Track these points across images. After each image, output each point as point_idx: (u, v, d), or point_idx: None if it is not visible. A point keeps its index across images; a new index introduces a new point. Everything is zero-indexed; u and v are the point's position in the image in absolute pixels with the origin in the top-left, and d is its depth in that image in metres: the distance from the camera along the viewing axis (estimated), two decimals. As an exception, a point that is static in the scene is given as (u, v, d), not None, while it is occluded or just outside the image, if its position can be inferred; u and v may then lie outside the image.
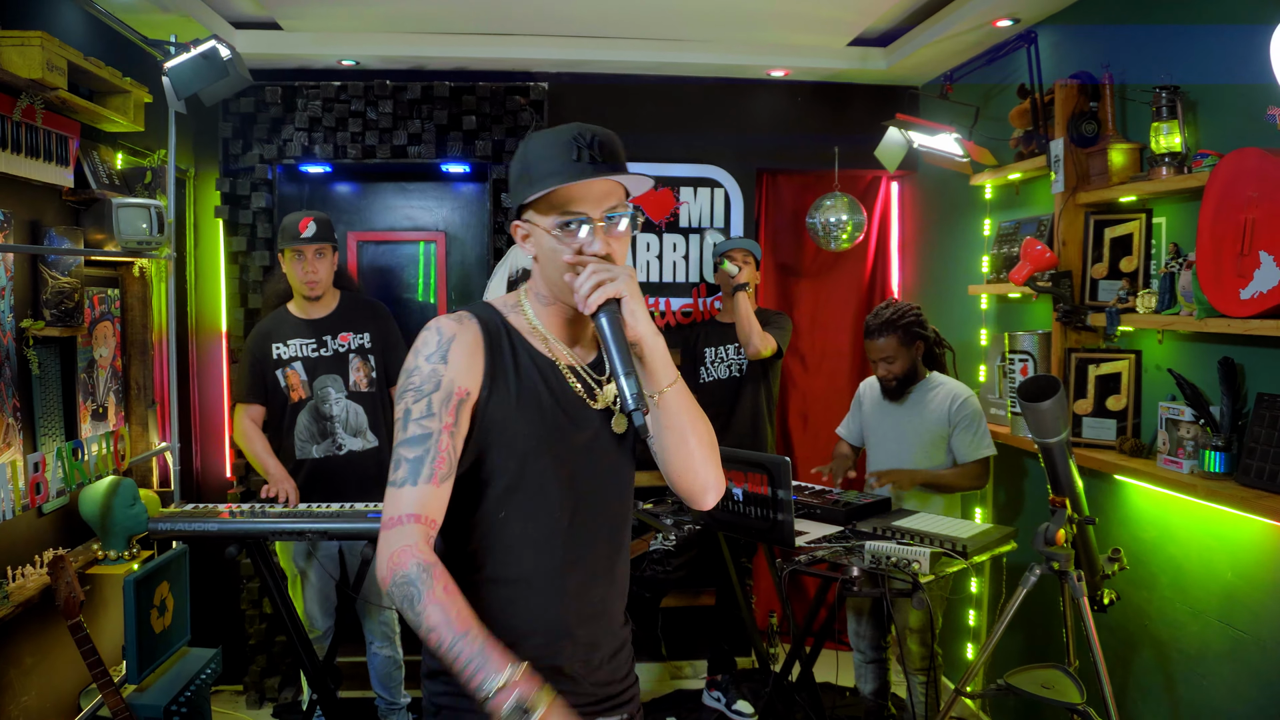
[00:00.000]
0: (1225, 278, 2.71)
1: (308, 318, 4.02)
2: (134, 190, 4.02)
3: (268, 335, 3.99)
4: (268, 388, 3.98)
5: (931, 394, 3.93)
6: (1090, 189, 3.49)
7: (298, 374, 3.95)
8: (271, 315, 4.08)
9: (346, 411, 3.98)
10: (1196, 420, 2.94)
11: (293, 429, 3.95)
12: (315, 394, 3.96)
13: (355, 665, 4.54)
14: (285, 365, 3.96)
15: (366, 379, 4.02)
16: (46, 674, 3.46)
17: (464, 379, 1.72)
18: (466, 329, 1.76)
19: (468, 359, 1.74)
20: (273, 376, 3.97)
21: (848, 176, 5.24)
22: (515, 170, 1.77)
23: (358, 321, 4.04)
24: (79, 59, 3.34)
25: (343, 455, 3.97)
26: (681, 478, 1.81)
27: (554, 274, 1.75)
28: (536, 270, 1.81)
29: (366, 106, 4.71)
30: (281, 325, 4.01)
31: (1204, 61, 3.03)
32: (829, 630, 3.81)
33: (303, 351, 3.97)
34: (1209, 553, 3.02)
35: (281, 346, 3.96)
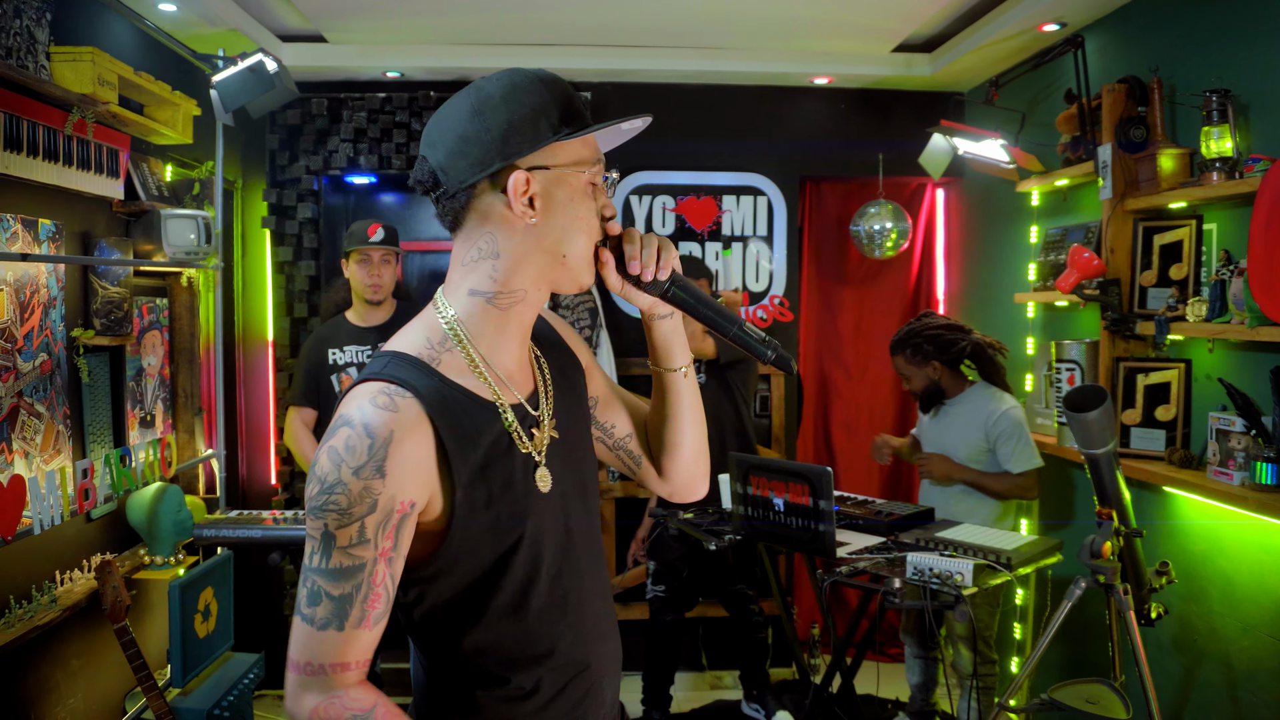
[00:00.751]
0: (1277, 285, 2.64)
1: (365, 325, 4.08)
2: (182, 201, 4.09)
3: (325, 341, 4.08)
4: (321, 393, 4.06)
5: (967, 407, 3.88)
6: (1139, 195, 3.43)
7: (352, 379, 3.98)
8: (330, 322, 4.16)
9: None
10: (1248, 431, 2.87)
11: None
12: None
13: (397, 672, 4.57)
14: (340, 370, 4.03)
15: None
16: (92, 676, 3.52)
17: (409, 491, 1.34)
18: (405, 418, 1.34)
19: (413, 465, 1.34)
20: (327, 382, 4.04)
21: (892, 184, 5.20)
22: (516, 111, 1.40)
23: None
24: (129, 73, 3.40)
25: None
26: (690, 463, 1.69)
27: (576, 242, 1.45)
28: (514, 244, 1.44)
29: (411, 117, 4.76)
30: (338, 332, 4.09)
31: (1256, 64, 2.97)
32: (870, 641, 3.78)
33: (358, 358, 4.03)
34: (1261, 566, 2.94)
35: (337, 352, 4.03)
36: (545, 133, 1.40)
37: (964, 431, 3.86)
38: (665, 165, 5.11)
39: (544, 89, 1.43)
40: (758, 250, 5.14)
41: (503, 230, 1.43)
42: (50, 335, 3.27)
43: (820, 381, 5.54)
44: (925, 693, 4.21)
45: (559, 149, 1.43)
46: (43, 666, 3.23)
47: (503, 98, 1.41)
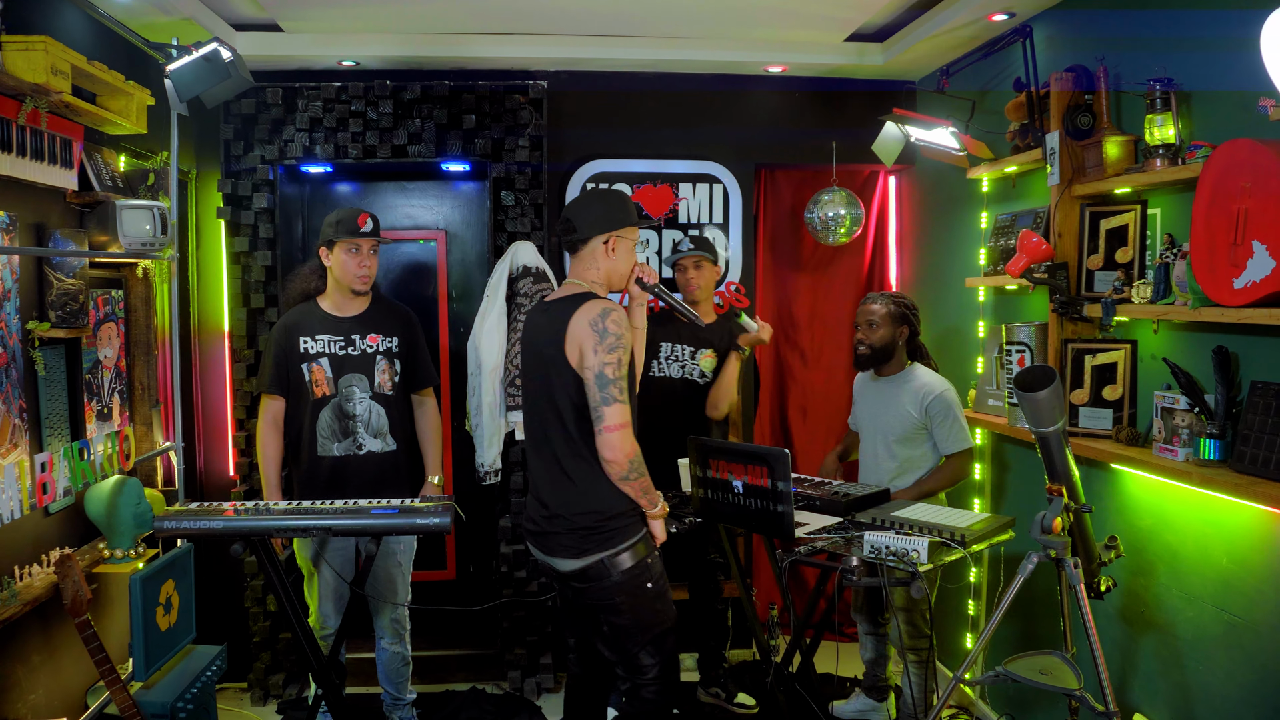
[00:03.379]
0: (1219, 267, 2.73)
1: (339, 315, 4.02)
2: (137, 192, 4.05)
3: (295, 328, 3.99)
4: (290, 380, 3.99)
5: (908, 383, 4.10)
6: (1086, 181, 3.52)
7: (323, 370, 3.96)
8: (300, 309, 4.05)
9: (370, 412, 4.00)
10: (1191, 409, 2.96)
11: (315, 425, 3.97)
12: (340, 392, 3.97)
13: (360, 661, 4.58)
14: (312, 360, 3.96)
15: (390, 382, 4.04)
16: (54, 672, 3.50)
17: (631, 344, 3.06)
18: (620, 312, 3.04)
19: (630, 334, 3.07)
20: (297, 370, 3.97)
21: (845, 171, 5.27)
22: (614, 202, 3.19)
23: (387, 324, 4.07)
24: (82, 63, 3.37)
25: (362, 455, 3.99)
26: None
27: (626, 269, 3.21)
28: (609, 265, 3.17)
29: (367, 106, 4.74)
30: (310, 319, 4.01)
31: (1197, 53, 3.06)
32: (829, 621, 3.86)
33: (330, 348, 3.98)
34: (1205, 539, 3.04)
35: (309, 341, 3.97)
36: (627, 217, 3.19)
37: (902, 407, 4.06)
38: (621, 153, 5.13)
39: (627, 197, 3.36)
40: (714, 237, 5.18)
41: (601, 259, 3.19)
42: (4, 328, 3.24)
43: (776, 367, 5.61)
44: (879, 668, 4.34)
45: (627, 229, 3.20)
46: (3, 662, 3.21)
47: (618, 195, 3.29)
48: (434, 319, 5.29)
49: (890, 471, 4.10)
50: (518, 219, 4.81)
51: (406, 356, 4.10)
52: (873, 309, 4.11)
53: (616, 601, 3.07)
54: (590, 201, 3.22)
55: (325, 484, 3.94)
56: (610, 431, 2.94)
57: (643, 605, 3.08)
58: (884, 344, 4.09)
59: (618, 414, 2.94)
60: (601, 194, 3.28)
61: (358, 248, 3.92)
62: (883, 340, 4.09)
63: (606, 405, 2.94)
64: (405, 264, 5.31)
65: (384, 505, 3.48)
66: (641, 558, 3.08)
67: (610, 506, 3.04)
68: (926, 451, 4.08)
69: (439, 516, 3.38)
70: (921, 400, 4.02)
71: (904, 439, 4.07)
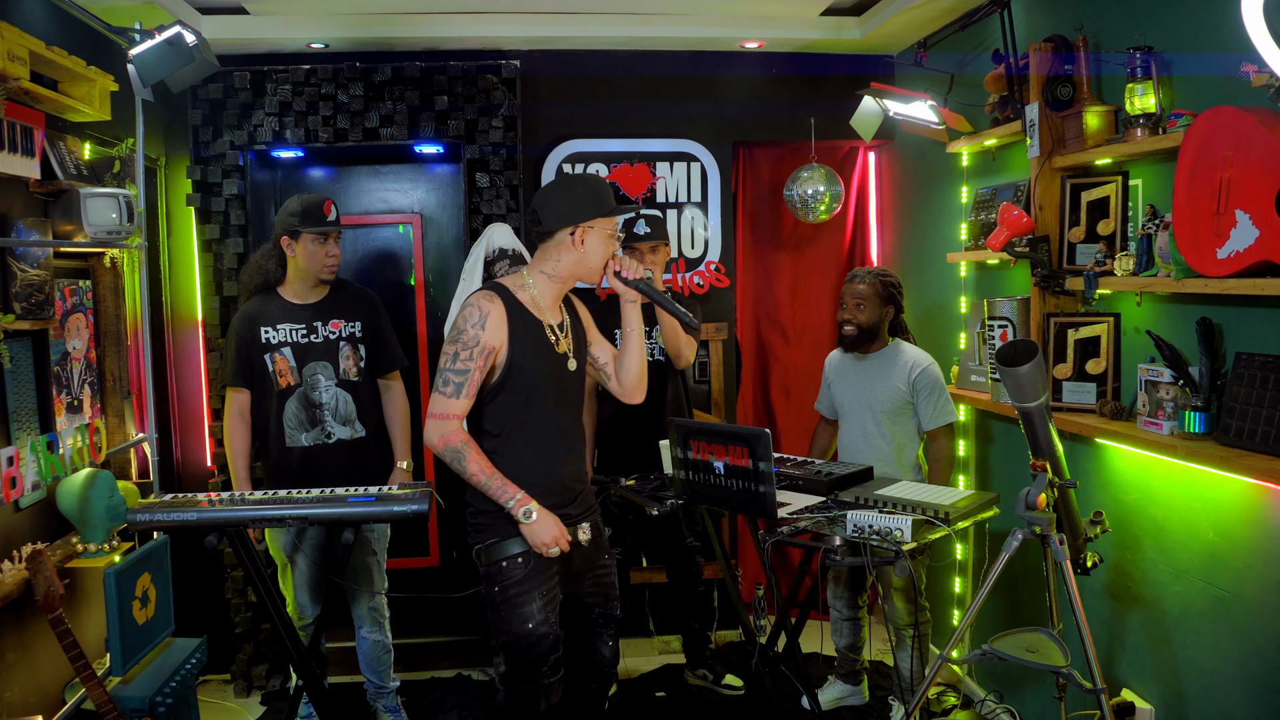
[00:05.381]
0: (1202, 238, 2.70)
1: (301, 302, 3.95)
2: (103, 180, 3.97)
3: (256, 318, 3.91)
4: (254, 372, 3.92)
5: (893, 359, 4.07)
6: (1066, 153, 3.48)
7: (286, 360, 3.90)
8: (260, 298, 3.97)
9: (336, 399, 3.94)
10: (1176, 381, 2.94)
11: (281, 415, 3.91)
12: (305, 381, 3.91)
13: (343, 651, 4.54)
14: (274, 350, 3.89)
15: (356, 367, 3.98)
16: (29, 669, 3.44)
17: (494, 340, 2.89)
18: (497, 305, 2.90)
19: (497, 326, 2.90)
20: (260, 361, 3.89)
21: (824, 147, 5.22)
22: (582, 193, 2.98)
23: (350, 309, 4.00)
24: (41, 49, 3.28)
25: (332, 444, 3.93)
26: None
27: (597, 263, 2.99)
28: (570, 258, 2.97)
29: (337, 89, 4.66)
30: (270, 308, 3.93)
31: (1177, 21, 3.02)
32: (814, 600, 3.84)
33: (292, 337, 3.91)
34: (1191, 513, 3.02)
35: (270, 331, 3.89)
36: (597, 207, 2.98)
37: (887, 382, 4.04)
38: (597, 133, 5.08)
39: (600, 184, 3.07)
40: (693, 216, 5.14)
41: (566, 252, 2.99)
42: (-32, 321, 3.17)
43: (758, 346, 5.57)
44: (855, 653, 4.32)
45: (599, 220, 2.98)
46: (-25, 660, 3.16)
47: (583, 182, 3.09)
48: (410, 304, 5.23)
49: (884, 451, 4.04)
50: (493, 201, 4.75)
51: (371, 341, 4.03)
52: (859, 288, 4.04)
53: (482, 592, 3.02)
54: (558, 190, 3.05)
55: (296, 475, 3.88)
56: (427, 419, 2.94)
57: (491, 608, 2.96)
58: (871, 324, 4.04)
59: (436, 403, 2.91)
60: (570, 181, 3.13)
61: (325, 237, 3.85)
62: (870, 320, 4.04)
63: (432, 393, 2.93)
64: (381, 249, 5.24)
65: (361, 493, 3.43)
66: (493, 560, 2.92)
67: (474, 500, 3.00)
68: (912, 429, 4.07)
69: (416, 503, 3.33)
70: (909, 375, 4.00)
71: (893, 414, 4.04)
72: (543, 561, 2.91)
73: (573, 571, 3.04)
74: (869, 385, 4.09)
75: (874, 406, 4.06)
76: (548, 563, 2.92)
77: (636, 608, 5.11)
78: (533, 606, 2.89)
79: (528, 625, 2.87)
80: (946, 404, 4.01)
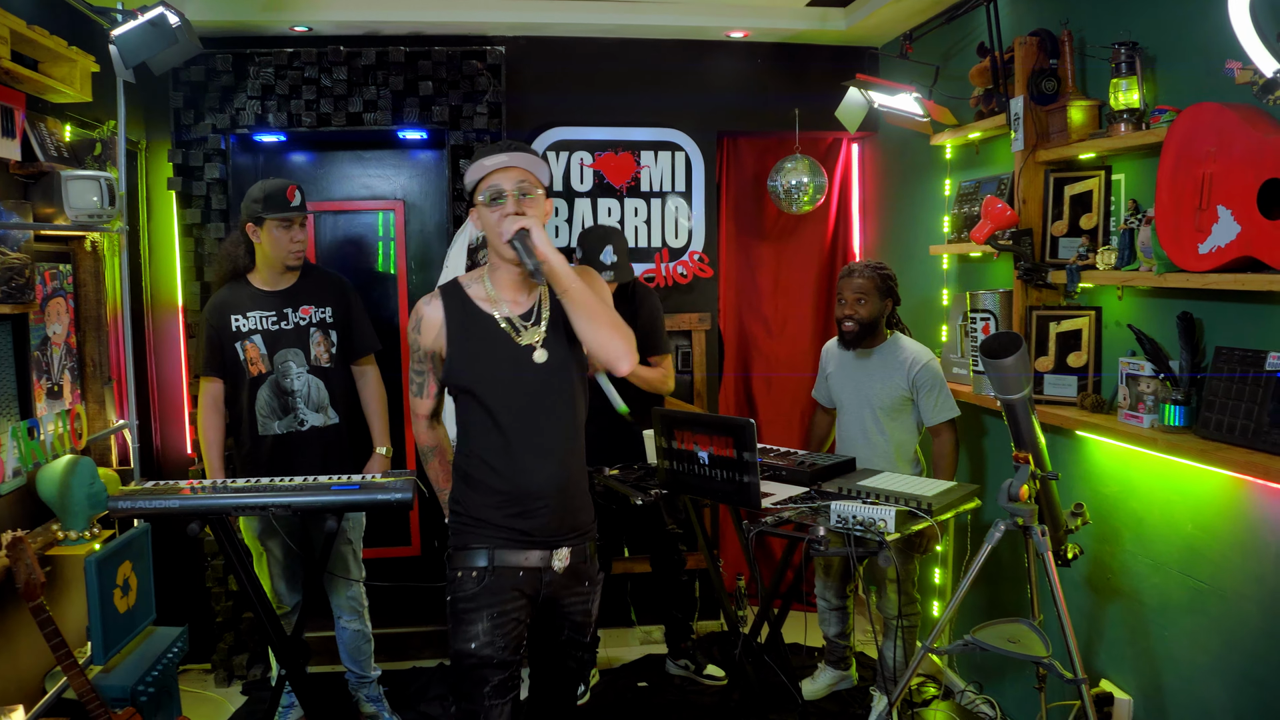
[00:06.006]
0: (1184, 232, 2.73)
1: (271, 289, 3.92)
2: (84, 162, 3.93)
3: (227, 306, 3.88)
4: (225, 360, 3.89)
5: (893, 354, 3.99)
6: (1050, 147, 3.50)
7: (257, 347, 3.87)
8: (230, 286, 3.95)
9: (308, 386, 3.92)
10: (1156, 375, 2.97)
11: (253, 404, 3.89)
12: (276, 368, 3.89)
13: (324, 640, 4.52)
14: (244, 338, 3.86)
15: (327, 353, 3.96)
16: (10, 658, 3.41)
17: (429, 343, 2.74)
18: (432, 308, 2.73)
19: (429, 329, 2.73)
20: (231, 350, 3.87)
21: (809, 139, 5.23)
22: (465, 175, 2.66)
23: (320, 295, 3.97)
24: (22, 27, 3.24)
25: (305, 431, 3.92)
26: (597, 350, 2.61)
27: (493, 235, 2.63)
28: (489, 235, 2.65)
29: (320, 73, 4.63)
30: (241, 296, 3.90)
31: (1161, 16, 3.04)
32: (796, 591, 3.86)
33: (262, 324, 3.88)
34: (1170, 506, 3.06)
35: (240, 319, 3.87)
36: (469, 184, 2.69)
37: (887, 377, 3.97)
38: (582, 121, 5.06)
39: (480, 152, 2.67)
40: (676, 206, 5.13)
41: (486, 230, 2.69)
42: (-53, 305, 3.13)
43: (740, 337, 5.58)
44: (844, 639, 4.35)
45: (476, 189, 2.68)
46: (-46, 648, 3.13)
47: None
48: (393, 290, 5.20)
49: (882, 447, 4.00)
50: (477, 188, 4.73)
51: (343, 325, 4.01)
52: (858, 282, 3.94)
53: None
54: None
55: (268, 463, 3.87)
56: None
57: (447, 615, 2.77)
58: (872, 318, 3.95)
59: (411, 401, 2.94)
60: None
61: (289, 223, 3.83)
62: (871, 315, 3.95)
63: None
64: (363, 235, 5.21)
65: (344, 481, 3.41)
66: (452, 567, 2.75)
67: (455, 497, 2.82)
68: (912, 424, 4.02)
69: (400, 492, 3.32)
70: (910, 371, 3.93)
71: (892, 411, 3.98)
72: (500, 581, 2.66)
73: (539, 598, 2.73)
74: (868, 381, 4.02)
75: (873, 403, 4.00)
76: (507, 584, 2.67)
77: (618, 598, 5.13)
78: (478, 627, 2.64)
79: (470, 645, 2.65)
80: (948, 399, 3.94)
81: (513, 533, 2.67)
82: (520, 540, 2.67)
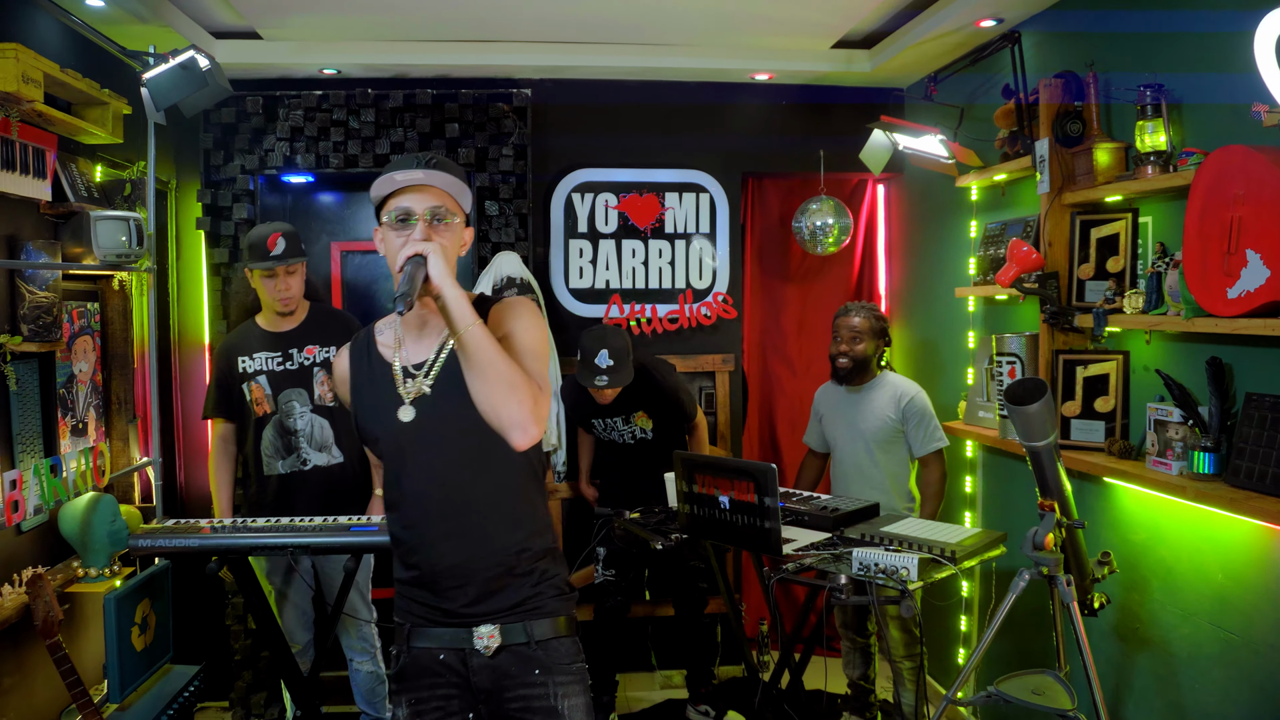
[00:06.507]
0: (1212, 277, 2.68)
1: (275, 330, 3.96)
2: (113, 203, 3.98)
3: (233, 349, 3.96)
4: (233, 402, 3.95)
5: (883, 389, 4.19)
6: (1076, 189, 3.47)
7: (262, 388, 3.91)
8: (239, 328, 4.04)
9: (311, 426, 3.94)
10: (1185, 421, 2.91)
11: (259, 444, 3.92)
12: (280, 408, 3.92)
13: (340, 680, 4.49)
14: (250, 379, 3.91)
15: (331, 393, 3.97)
16: (26, 694, 3.41)
17: (342, 394, 2.37)
18: (340, 359, 2.36)
19: (341, 385, 2.37)
20: (238, 391, 3.92)
21: (833, 180, 5.22)
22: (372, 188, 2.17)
23: (323, 334, 3.99)
24: (55, 71, 3.30)
25: (308, 470, 3.93)
26: (487, 413, 2.06)
27: (392, 265, 2.11)
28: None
29: (348, 115, 4.69)
30: (248, 338, 3.97)
31: (1188, 58, 3.01)
32: (819, 637, 3.80)
33: (268, 365, 3.92)
34: (1199, 555, 2.99)
35: (247, 360, 3.92)
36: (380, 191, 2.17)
37: (881, 411, 4.15)
38: (607, 162, 5.08)
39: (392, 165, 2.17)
40: (701, 247, 5.13)
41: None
42: (-25, 342, 3.17)
43: (764, 378, 5.55)
44: (868, 684, 4.29)
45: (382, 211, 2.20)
46: (-28, 685, 3.14)
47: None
48: (418, 330, 5.22)
49: (877, 479, 4.13)
50: (502, 229, 4.75)
51: None
52: (855, 322, 4.17)
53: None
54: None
55: (273, 503, 3.89)
56: None
57: None
58: (865, 357, 4.16)
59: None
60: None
61: (272, 273, 3.85)
62: (864, 353, 4.16)
63: None
64: (388, 274, 5.23)
65: (364, 522, 3.42)
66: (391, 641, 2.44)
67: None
68: (904, 457, 4.17)
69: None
70: (899, 403, 4.11)
71: (884, 443, 4.14)
72: (417, 664, 2.24)
73: (476, 689, 2.23)
74: (860, 416, 4.18)
75: (866, 436, 4.15)
76: (424, 668, 2.24)
77: (639, 641, 5.07)
78: (399, 712, 2.26)
79: None
80: (936, 430, 4.11)
81: (425, 608, 2.25)
82: (433, 616, 2.24)
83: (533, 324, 2.25)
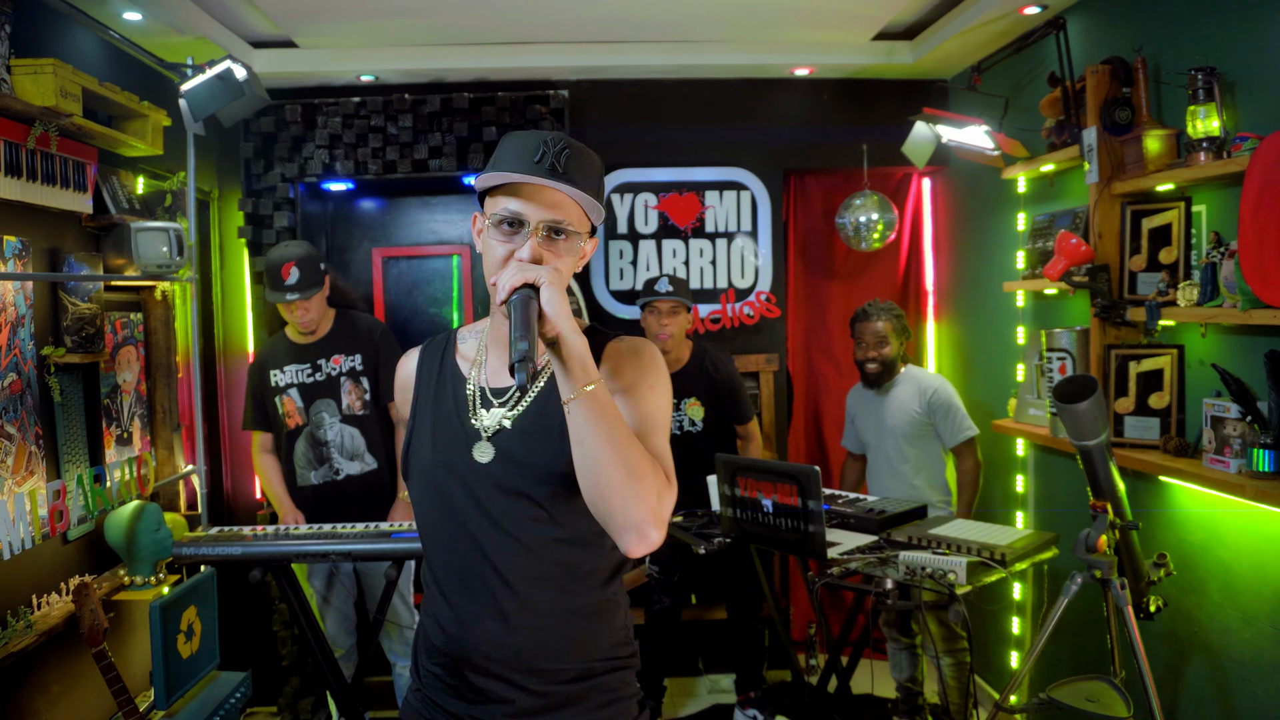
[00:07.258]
0: (1270, 266, 2.58)
1: (302, 342, 3.99)
2: (154, 214, 4.02)
3: (265, 363, 4.00)
4: (269, 414, 3.99)
5: (908, 384, 4.26)
6: (1126, 178, 3.36)
7: (293, 400, 3.93)
8: (270, 340, 4.07)
9: (341, 435, 3.94)
10: (1243, 417, 2.80)
11: (292, 455, 3.94)
12: (311, 419, 3.94)
13: (385, 685, 4.50)
14: (282, 392, 3.95)
15: (360, 401, 3.96)
16: (74, 702, 3.45)
17: (401, 404, 1.91)
18: (407, 362, 1.92)
19: (401, 393, 1.91)
20: (271, 404, 3.96)
21: (877, 174, 5.13)
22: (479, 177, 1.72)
23: (349, 343, 3.99)
24: (94, 85, 3.33)
25: (341, 480, 3.94)
26: (596, 504, 1.56)
27: (488, 274, 1.67)
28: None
29: (386, 121, 4.69)
30: (277, 351, 4.00)
31: (1241, 39, 2.90)
32: (866, 639, 3.73)
33: (298, 377, 3.95)
34: (1260, 555, 2.88)
35: (278, 373, 3.95)
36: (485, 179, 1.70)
37: (907, 405, 4.22)
38: (646, 162, 5.04)
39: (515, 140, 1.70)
40: (743, 246, 5.07)
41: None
42: (19, 354, 3.20)
43: (810, 378, 5.47)
44: (916, 685, 4.21)
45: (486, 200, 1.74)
46: (22, 693, 3.17)
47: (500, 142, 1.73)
48: (460, 335, 5.21)
49: (906, 473, 4.19)
50: (541, 232, 4.73)
51: (373, 371, 4.01)
52: (878, 326, 4.23)
53: None
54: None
55: (310, 514, 3.93)
56: None
57: None
58: (893, 358, 4.25)
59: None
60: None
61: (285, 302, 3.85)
62: (892, 355, 4.24)
63: None
64: (430, 279, 5.24)
65: (404, 529, 3.41)
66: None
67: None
68: (935, 449, 4.20)
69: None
70: (923, 396, 4.16)
71: (912, 437, 4.18)
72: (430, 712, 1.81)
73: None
74: (888, 413, 4.24)
75: (895, 433, 4.21)
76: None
77: (686, 645, 5.02)
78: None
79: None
80: (964, 420, 4.14)
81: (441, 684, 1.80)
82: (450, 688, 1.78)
83: (660, 383, 1.75)
